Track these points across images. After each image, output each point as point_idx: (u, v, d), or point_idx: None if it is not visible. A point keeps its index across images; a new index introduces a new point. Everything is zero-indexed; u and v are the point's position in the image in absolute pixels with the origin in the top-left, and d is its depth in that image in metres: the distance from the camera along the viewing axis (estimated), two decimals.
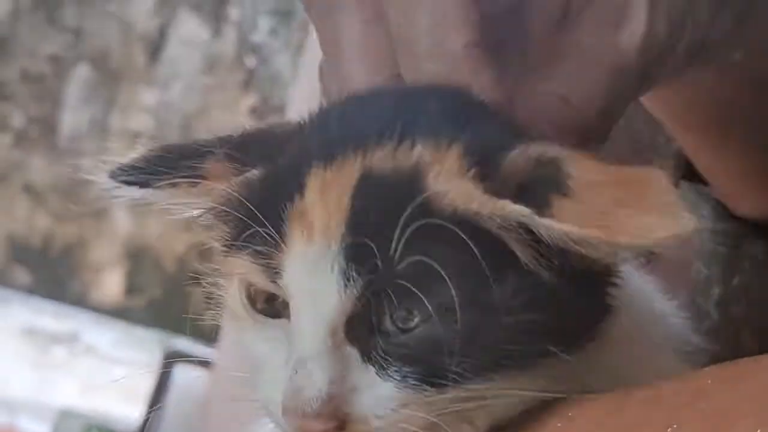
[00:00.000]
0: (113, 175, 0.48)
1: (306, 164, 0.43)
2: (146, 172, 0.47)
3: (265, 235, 0.43)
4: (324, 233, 0.41)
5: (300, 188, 0.42)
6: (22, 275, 4.19)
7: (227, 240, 0.47)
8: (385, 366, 0.41)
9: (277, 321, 0.45)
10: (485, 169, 0.41)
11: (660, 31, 0.50)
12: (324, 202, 0.41)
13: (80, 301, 4.08)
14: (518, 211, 0.40)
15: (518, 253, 0.40)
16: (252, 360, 0.46)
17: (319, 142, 0.44)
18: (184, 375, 1.65)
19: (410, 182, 0.41)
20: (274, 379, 0.43)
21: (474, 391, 0.41)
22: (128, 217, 4.13)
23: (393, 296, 0.40)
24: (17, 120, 4.07)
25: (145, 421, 3.13)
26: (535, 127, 0.50)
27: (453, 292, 0.39)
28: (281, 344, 0.44)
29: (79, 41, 4.05)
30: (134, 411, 3.00)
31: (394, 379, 0.41)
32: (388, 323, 0.41)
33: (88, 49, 4.05)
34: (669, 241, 0.38)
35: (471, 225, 0.40)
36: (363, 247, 0.40)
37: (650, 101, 0.62)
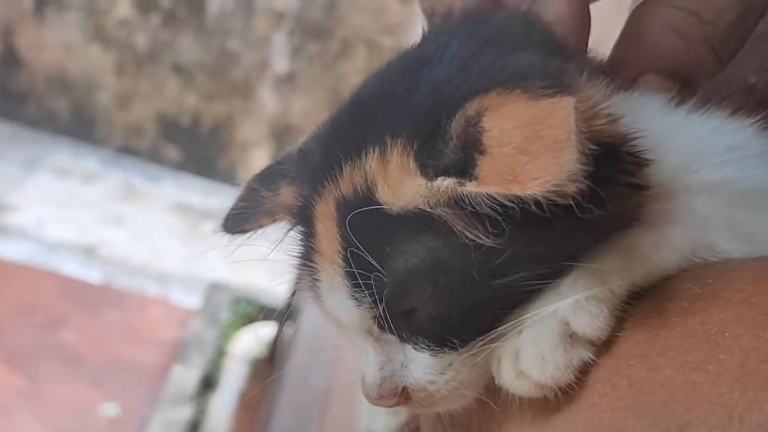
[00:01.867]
0: (224, 228, 0.53)
1: (311, 194, 0.47)
2: (242, 218, 0.52)
3: (305, 261, 0.48)
4: (331, 260, 0.46)
5: (312, 219, 0.47)
6: (172, 152, 4.32)
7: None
8: (416, 341, 0.45)
9: None
10: (428, 149, 0.43)
11: None
12: (325, 232, 0.46)
13: (228, 177, 4.18)
14: (444, 186, 0.41)
15: (454, 229, 0.42)
16: None
17: (311, 168, 0.48)
18: None
19: (366, 200, 0.44)
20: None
21: (494, 335, 0.44)
22: (274, 96, 4.19)
23: (398, 297, 0.44)
24: (166, 0, 4.13)
25: (291, 295, 3.20)
26: (663, 42, 0.49)
27: (432, 277, 0.43)
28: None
29: None
30: (280, 286, 3.08)
31: (428, 350, 0.45)
32: (411, 309, 0.44)
33: None
34: (552, 186, 0.38)
35: (422, 216, 0.43)
36: (354, 271, 0.44)
37: None
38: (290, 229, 0.50)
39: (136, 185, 4.16)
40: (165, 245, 3.82)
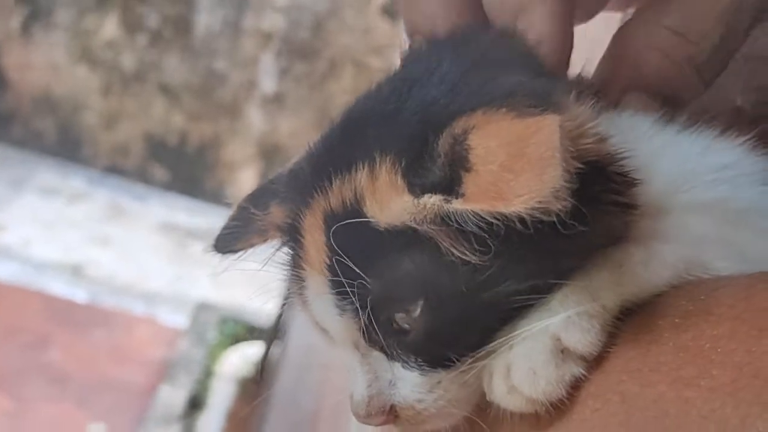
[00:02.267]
0: (216, 248, 0.53)
1: (300, 207, 0.47)
2: (234, 237, 0.52)
3: (294, 272, 0.48)
4: (318, 270, 0.46)
5: (300, 231, 0.47)
6: (160, 172, 4.31)
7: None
8: (406, 359, 0.45)
9: None
10: (415, 166, 0.43)
11: None
12: (313, 243, 0.46)
13: (215, 197, 4.18)
14: (431, 203, 0.42)
15: (441, 246, 0.43)
16: None
17: (301, 183, 0.48)
18: None
19: (354, 213, 0.44)
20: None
21: (484, 352, 0.44)
22: (262, 116, 4.19)
23: (383, 309, 0.44)
24: (153, 21, 4.14)
25: (279, 314, 3.21)
26: (648, 61, 0.50)
27: (421, 290, 0.43)
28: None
29: None
30: (268, 305, 3.07)
31: (417, 368, 0.45)
32: (397, 325, 0.44)
33: None
34: (536, 203, 0.39)
35: (409, 232, 0.43)
36: (340, 280, 0.44)
37: None
38: (279, 248, 0.51)
39: (122, 205, 4.15)
40: (152, 265, 3.81)
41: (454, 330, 0.44)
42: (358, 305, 0.44)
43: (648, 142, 0.48)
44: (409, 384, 0.46)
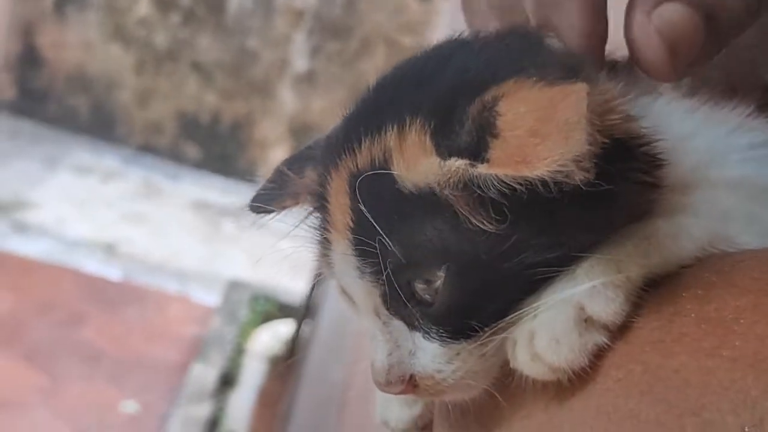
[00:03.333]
0: (250, 207, 0.53)
1: (329, 169, 0.48)
2: (268, 198, 0.53)
3: (321, 235, 0.49)
4: (342, 232, 0.46)
5: (327, 193, 0.47)
6: (192, 151, 4.34)
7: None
8: (427, 330, 0.45)
9: None
10: (445, 130, 0.44)
11: None
12: (337, 205, 0.46)
13: (247, 176, 4.18)
14: (456, 166, 0.42)
15: (460, 213, 0.43)
16: None
17: (332, 146, 0.48)
18: None
19: (382, 172, 0.44)
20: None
21: (504, 324, 0.44)
22: (293, 94, 4.20)
23: (403, 274, 0.44)
24: None
25: (310, 293, 3.24)
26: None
27: (443, 258, 0.43)
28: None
29: None
30: (299, 283, 3.10)
31: (438, 338, 0.45)
32: (418, 294, 0.45)
33: None
34: (560, 166, 0.39)
35: (431, 197, 0.43)
36: (362, 241, 0.45)
37: None
38: (308, 216, 0.51)
39: (155, 183, 4.18)
40: (184, 243, 3.83)
41: (474, 300, 0.44)
42: (380, 267, 0.45)
43: (681, 124, 0.48)
44: (429, 354, 0.46)
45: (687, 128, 0.48)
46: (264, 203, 0.52)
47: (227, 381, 3.13)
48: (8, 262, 3.42)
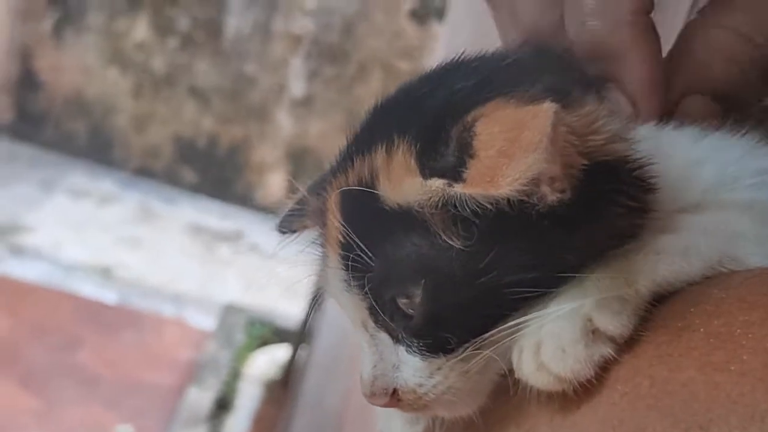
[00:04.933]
0: (278, 228, 0.55)
1: (326, 188, 0.50)
2: (291, 220, 0.54)
3: (321, 251, 0.50)
4: (333, 247, 0.48)
5: (326, 210, 0.49)
6: (189, 175, 4.34)
7: None
8: (409, 343, 0.46)
9: None
10: (430, 151, 0.45)
11: None
12: (332, 221, 0.48)
13: (244, 200, 4.20)
14: (435, 186, 0.43)
15: (432, 230, 0.44)
16: None
17: (332, 166, 0.50)
18: None
19: (368, 191, 0.46)
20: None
21: (486, 341, 0.45)
22: (291, 119, 4.21)
23: (386, 288, 0.46)
24: (183, 23, 4.16)
25: (306, 317, 3.23)
26: (712, 66, 0.49)
27: (421, 273, 0.45)
28: None
29: None
30: (295, 307, 3.09)
31: (419, 352, 0.46)
32: (401, 308, 0.46)
33: None
34: (521, 185, 0.40)
35: (412, 215, 0.45)
36: (349, 256, 0.46)
37: None
38: (307, 246, 0.52)
39: (152, 207, 4.18)
40: (181, 267, 3.83)
41: (451, 315, 0.45)
42: (362, 281, 0.46)
43: (692, 148, 0.49)
44: (411, 368, 0.47)
45: (698, 153, 0.49)
46: (287, 225, 0.54)
47: (223, 405, 3.11)
48: (4, 285, 3.41)
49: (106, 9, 4.18)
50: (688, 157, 0.48)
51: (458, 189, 0.42)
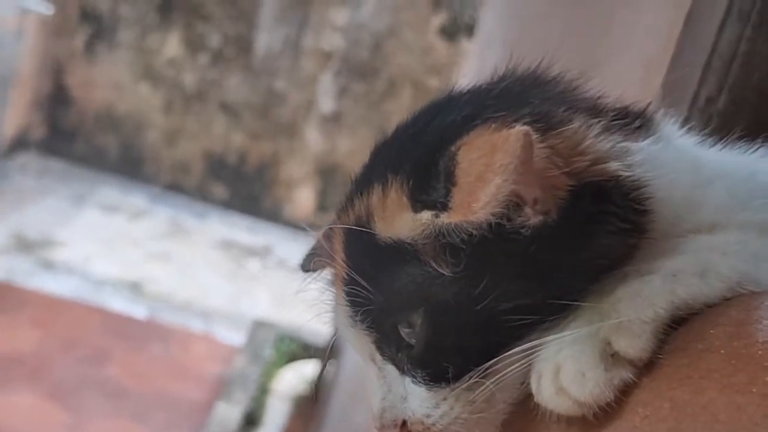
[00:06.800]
0: (300, 267, 0.57)
1: (333, 227, 0.51)
2: (310, 259, 0.56)
3: (331, 290, 0.52)
4: (339, 284, 0.49)
5: (334, 250, 0.51)
6: (219, 190, 4.36)
7: None
8: (413, 374, 0.47)
9: None
10: (423, 185, 0.46)
11: None
12: (338, 261, 0.50)
13: (273, 216, 4.21)
14: (425, 219, 0.45)
15: (422, 259, 0.45)
16: None
17: (340, 205, 0.52)
18: None
19: (365, 228, 0.47)
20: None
21: (489, 370, 0.45)
22: (320, 135, 4.22)
23: (388, 319, 0.47)
24: (214, 40, 4.18)
25: (334, 333, 3.21)
26: None
27: (418, 301, 0.46)
28: None
29: None
30: (324, 324, 3.09)
31: (423, 382, 0.47)
32: (404, 338, 0.47)
33: None
34: (493, 208, 0.41)
35: (406, 247, 0.46)
36: (352, 291, 0.48)
37: None
38: (325, 285, 0.55)
39: (182, 222, 4.20)
40: (210, 282, 3.84)
41: (450, 343, 0.45)
42: (366, 316, 0.47)
43: (698, 169, 0.49)
44: (417, 399, 0.47)
45: (708, 172, 0.49)
46: (307, 264, 0.56)
47: (251, 420, 3.11)
48: (35, 299, 3.44)
49: (138, 25, 4.22)
50: (697, 176, 0.48)
51: (444, 219, 0.43)
